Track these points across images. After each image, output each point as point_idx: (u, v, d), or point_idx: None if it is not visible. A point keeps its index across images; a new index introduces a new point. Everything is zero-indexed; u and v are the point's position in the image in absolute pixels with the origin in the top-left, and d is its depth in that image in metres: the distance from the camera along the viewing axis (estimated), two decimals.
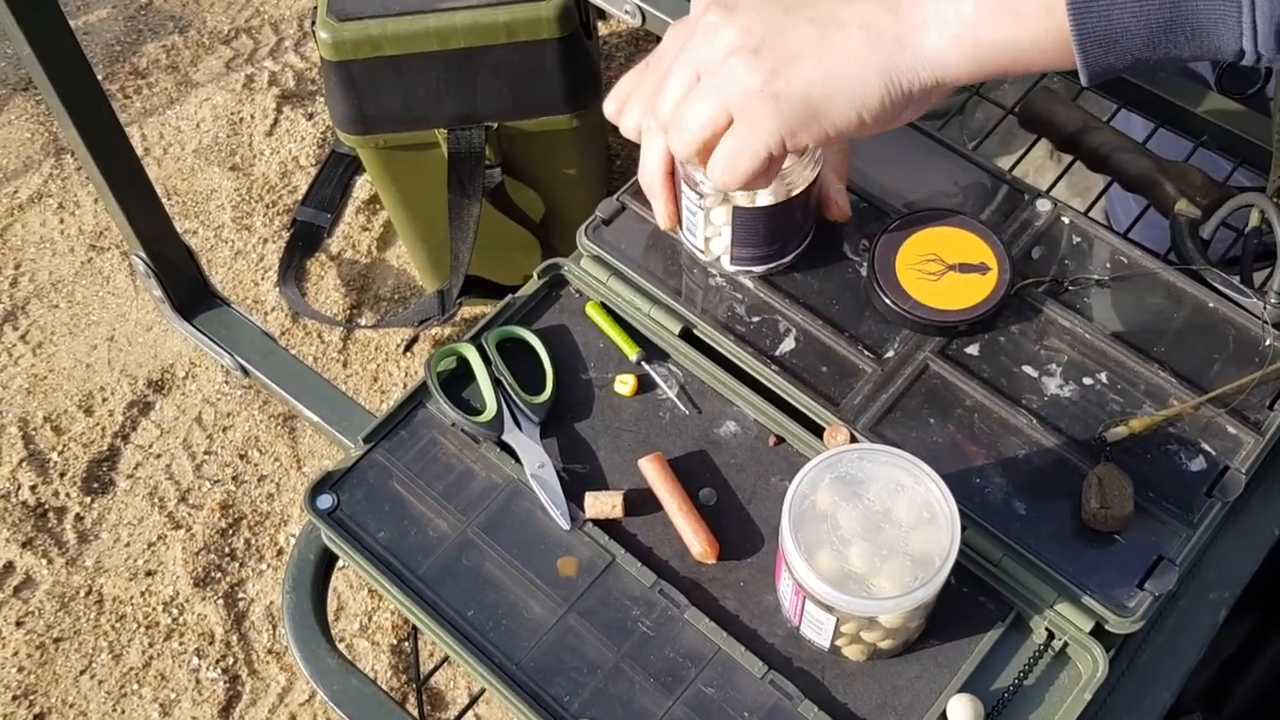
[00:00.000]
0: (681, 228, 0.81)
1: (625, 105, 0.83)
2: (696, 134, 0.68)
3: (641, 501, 0.76)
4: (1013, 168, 0.93)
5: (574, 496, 0.76)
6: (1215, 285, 0.81)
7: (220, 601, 1.69)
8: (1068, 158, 0.94)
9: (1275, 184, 0.85)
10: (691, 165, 0.74)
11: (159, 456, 1.83)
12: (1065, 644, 0.70)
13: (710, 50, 0.66)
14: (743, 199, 0.75)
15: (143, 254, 0.90)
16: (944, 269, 0.78)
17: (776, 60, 0.64)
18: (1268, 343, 0.77)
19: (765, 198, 0.74)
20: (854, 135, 0.66)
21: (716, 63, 0.66)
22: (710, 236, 0.79)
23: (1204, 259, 0.82)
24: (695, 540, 0.73)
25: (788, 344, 0.79)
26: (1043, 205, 0.84)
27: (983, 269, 0.78)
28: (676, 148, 0.70)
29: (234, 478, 1.80)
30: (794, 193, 0.75)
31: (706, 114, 0.67)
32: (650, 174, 0.80)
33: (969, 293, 0.77)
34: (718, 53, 0.66)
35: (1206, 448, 0.74)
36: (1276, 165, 0.86)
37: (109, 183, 0.83)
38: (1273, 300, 0.79)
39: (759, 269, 0.81)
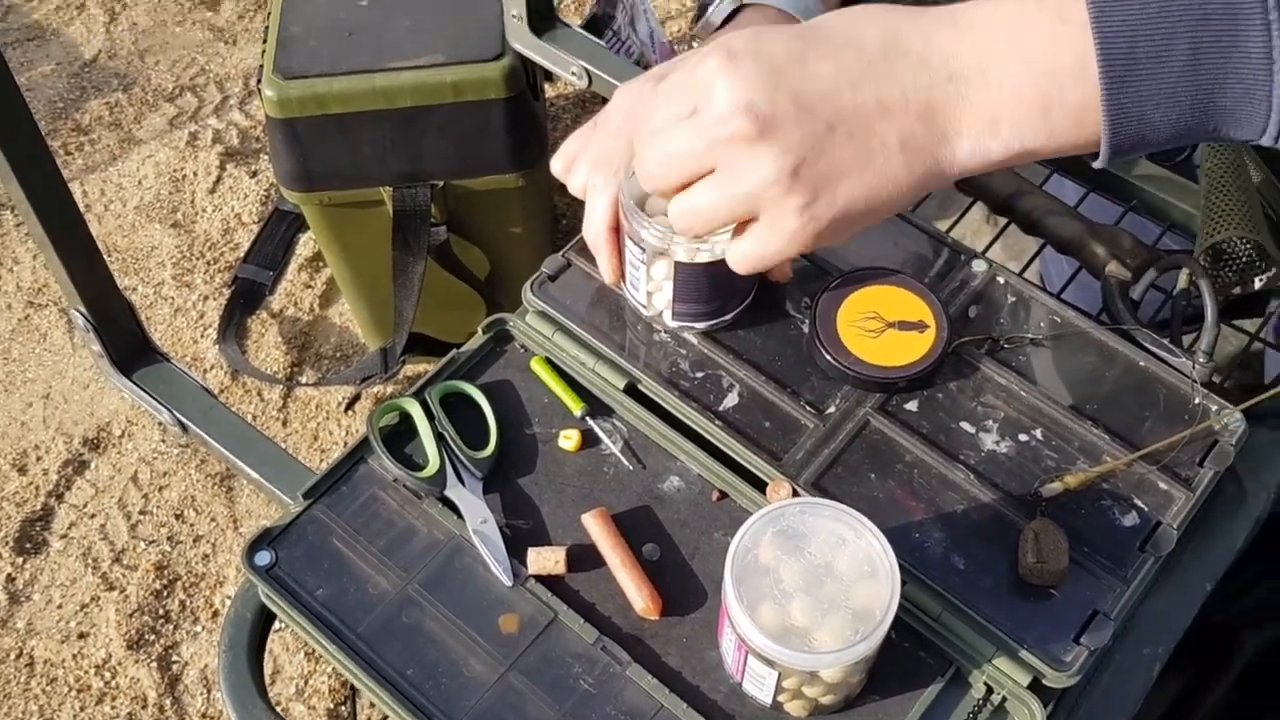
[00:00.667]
0: (625, 282, 0.82)
1: (573, 164, 0.84)
2: (707, 224, 0.66)
3: (584, 557, 0.76)
4: (950, 230, 0.95)
5: (516, 552, 0.76)
6: (1146, 345, 0.83)
7: (154, 664, 1.65)
8: (1004, 221, 0.96)
9: (1202, 247, 0.88)
10: (637, 220, 0.75)
11: (93, 516, 1.80)
12: (1004, 698, 0.71)
13: (741, 159, 0.63)
14: (683, 254, 0.76)
15: (82, 308, 0.89)
16: (884, 326, 0.80)
17: (817, 181, 0.62)
18: (1197, 401, 0.79)
19: (705, 255, 0.75)
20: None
21: (749, 174, 0.63)
22: (652, 291, 0.80)
23: (1134, 319, 0.84)
24: (638, 596, 0.73)
25: (731, 399, 0.80)
26: (978, 266, 0.85)
27: (921, 327, 0.79)
28: (678, 222, 0.67)
29: (170, 538, 1.77)
30: None
31: (729, 213, 0.65)
32: (595, 230, 0.81)
33: (908, 350, 0.79)
34: (751, 166, 0.62)
35: (1139, 503, 0.75)
36: (1203, 230, 0.89)
37: (49, 236, 0.82)
38: (1201, 360, 0.81)
39: (700, 325, 0.82)
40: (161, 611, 1.70)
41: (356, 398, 1.87)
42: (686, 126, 0.64)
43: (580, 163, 0.83)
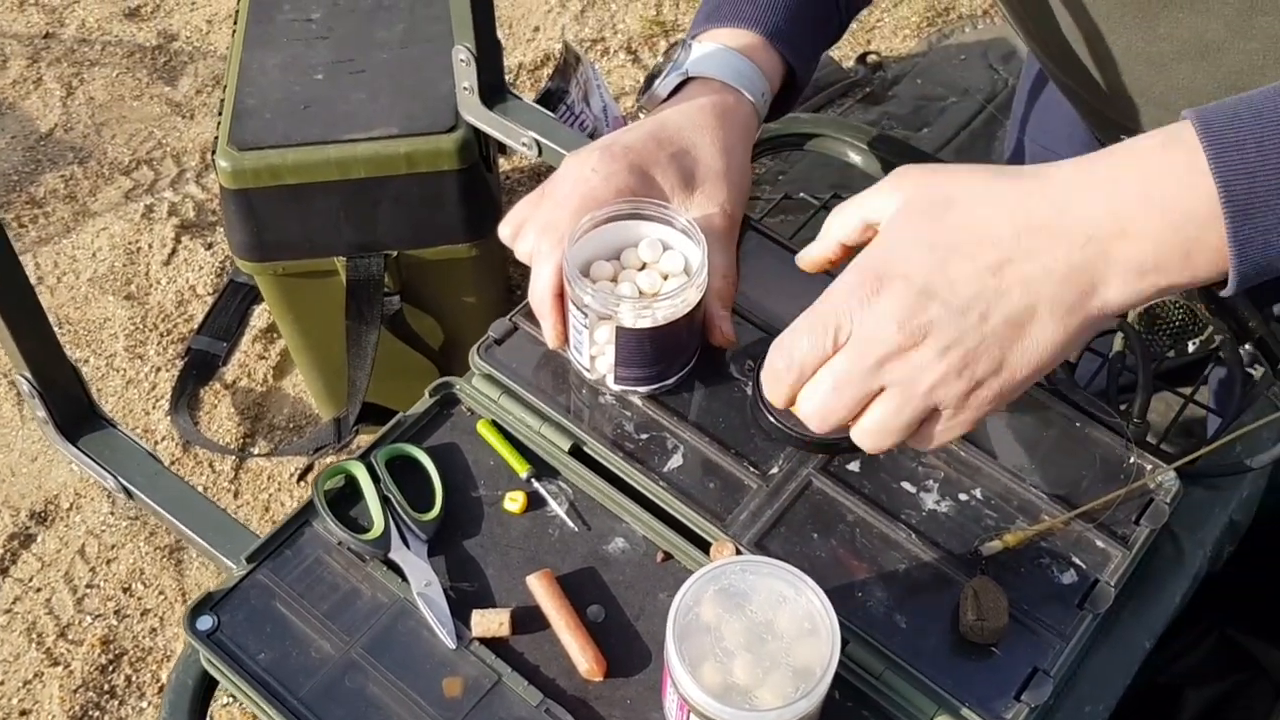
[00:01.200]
0: (569, 346, 0.83)
1: (520, 230, 0.85)
2: (899, 436, 0.68)
3: (529, 619, 0.76)
4: None
5: (461, 615, 0.76)
6: (1083, 406, 0.84)
7: None
8: None
9: (1135, 311, 0.90)
10: (580, 285, 0.76)
11: (39, 590, 1.77)
12: None
13: (909, 368, 0.65)
14: (627, 319, 0.77)
15: (28, 374, 0.89)
16: None
17: (984, 367, 0.64)
18: (1131, 460, 0.81)
19: (645, 320, 0.77)
20: None
21: (920, 379, 0.65)
22: (595, 355, 0.81)
23: (1071, 381, 0.86)
24: (582, 658, 0.73)
25: (675, 461, 0.80)
26: None
27: None
28: (874, 446, 0.69)
29: (116, 612, 1.75)
30: (676, 317, 0.77)
31: (914, 420, 0.67)
32: (540, 295, 0.82)
33: None
34: (919, 369, 0.65)
35: (1077, 561, 0.77)
36: None
37: None
38: (1135, 421, 0.83)
39: (643, 389, 0.82)
40: (107, 687, 1.67)
41: (309, 468, 1.86)
42: (844, 355, 0.66)
43: (527, 229, 0.84)
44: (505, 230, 0.86)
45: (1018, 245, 0.63)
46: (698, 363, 0.84)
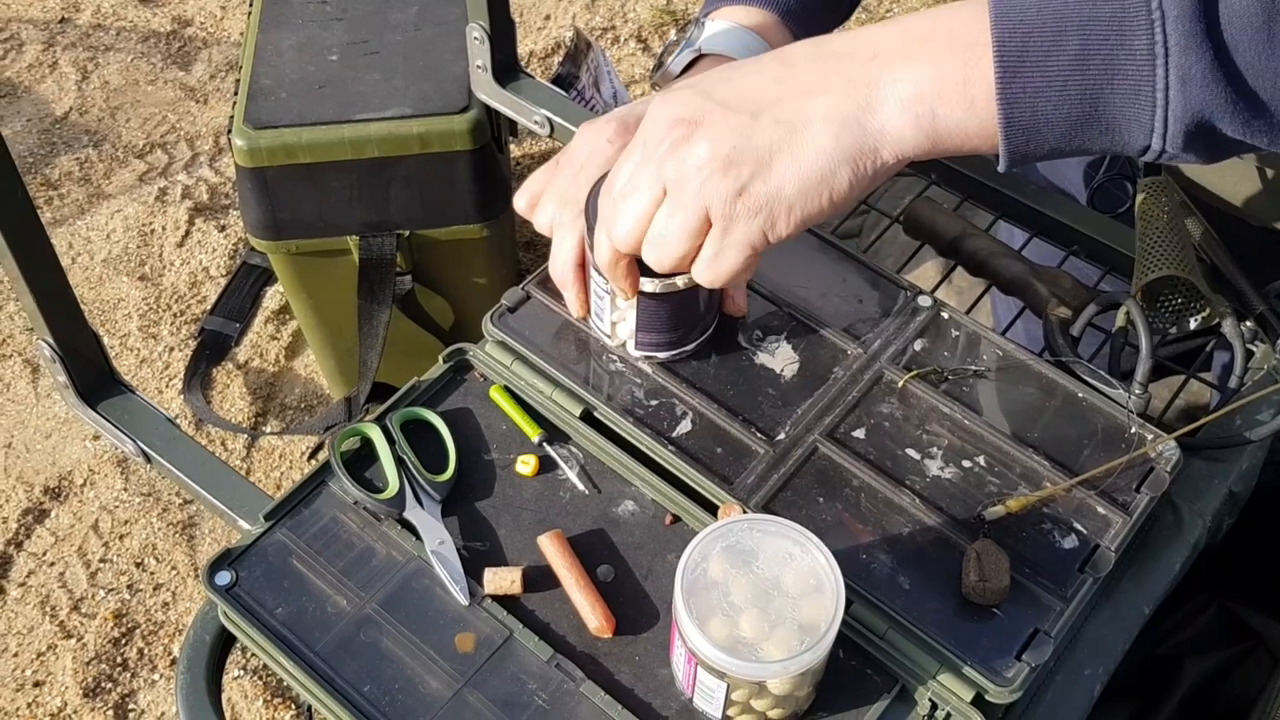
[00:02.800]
0: (590, 314, 0.84)
1: (538, 202, 0.86)
2: (678, 247, 0.70)
3: (540, 578, 0.77)
4: (901, 270, 0.98)
5: (473, 573, 0.77)
6: (1085, 377, 0.86)
7: (110, 713, 1.64)
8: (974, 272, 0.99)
9: (1138, 285, 0.91)
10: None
11: (52, 564, 1.79)
12: (948, 714, 0.72)
13: (681, 165, 0.67)
14: (649, 285, 0.78)
15: (49, 338, 0.91)
16: None
17: (750, 166, 0.66)
18: (1133, 430, 0.82)
19: (667, 286, 0.78)
20: (825, 218, 0.69)
21: (690, 176, 0.67)
22: (616, 321, 0.82)
23: (1074, 354, 0.88)
24: (592, 615, 0.75)
25: (685, 426, 0.82)
26: (924, 301, 0.89)
27: None
28: (657, 260, 0.71)
29: (129, 586, 1.77)
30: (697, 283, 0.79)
31: (687, 226, 0.68)
32: (562, 267, 0.83)
33: None
34: (690, 167, 0.67)
35: (1078, 527, 0.78)
36: (1138, 270, 0.93)
37: (19, 264, 0.84)
38: (1137, 391, 0.84)
39: (662, 355, 0.84)
40: (119, 660, 1.69)
41: (320, 447, 1.88)
42: (632, 159, 0.70)
43: (545, 201, 0.86)
44: (521, 201, 0.88)
45: (806, 64, 0.66)
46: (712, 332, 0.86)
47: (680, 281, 0.78)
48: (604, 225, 0.73)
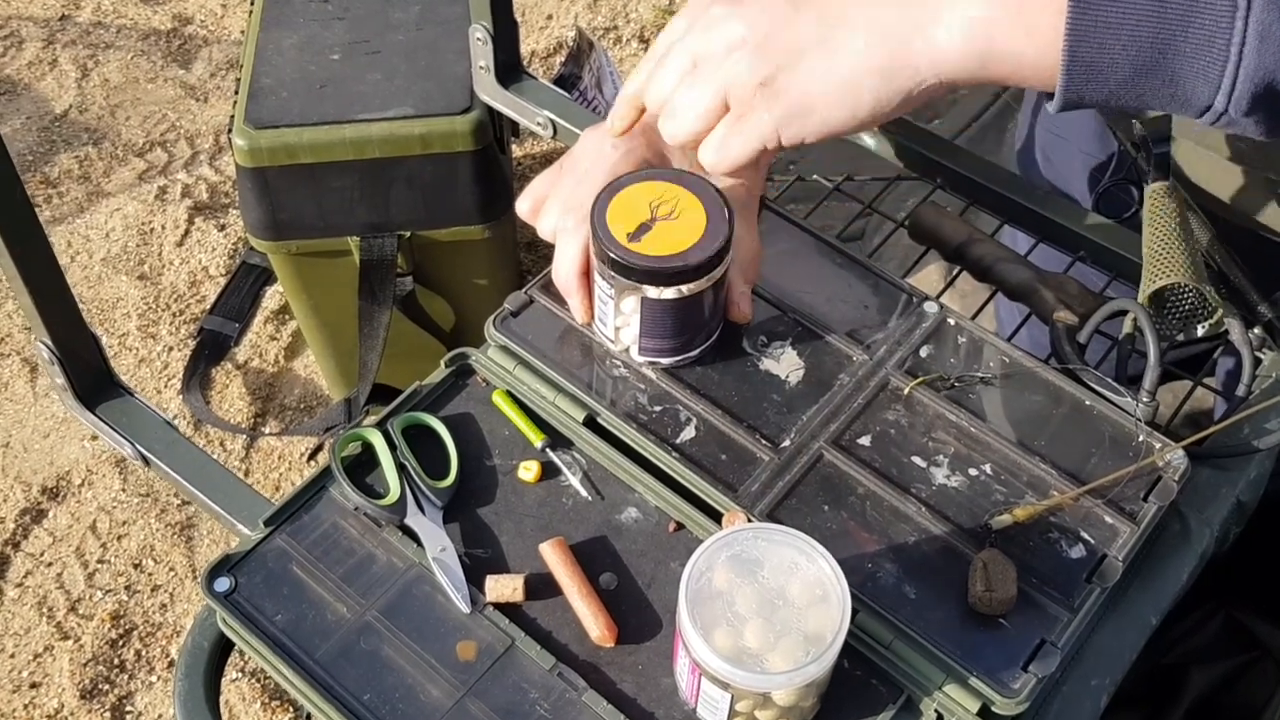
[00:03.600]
0: (594, 318, 0.84)
1: (541, 206, 0.85)
2: (692, 122, 0.68)
3: (542, 586, 0.77)
4: (905, 275, 0.97)
5: (475, 580, 0.76)
6: (1092, 385, 0.85)
7: (107, 714, 1.63)
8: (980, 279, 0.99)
9: (1145, 292, 0.91)
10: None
11: (50, 565, 1.78)
12: None
13: (713, 42, 0.66)
14: (653, 291, 0.77)
15: (48, 340, 0.90)
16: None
17: (779, 56, 0.64)
18: (1141, 438, 0.82)
19: (671, 291, 0.77)
20: (846, 132, 0.66)
21: (719, 54, 0.66)
22: (620, 327, 0.82)
23: (1081, 361, 0.87)
24: (594, 624, 0.74)
25: (688, 433, 0.81)
26: (930, 308, 0.88)
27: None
28: (669, 132, 0.70)
29: (127, 587, 1.76)
30: (702, 288, 0.78)
31: (704, 103, 0.67)
32: (565, 274, 0.83)
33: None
34: (720, 45, 0.66)
35: (1086, 536, 0.77)
36: (1146, 276, 0.92)
37: (17, 265, 0.83)
38: (1144, 399, 0.83)
39: (666, 361, 0.83)
40: (116, 661, 1.68)
41: (319, 448, 1.87)
42: (678, 34, 0.69)
43: (549, 207, 0.85)
44: (524, 205, 0.87)
45: None
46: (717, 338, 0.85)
47: (686, 289, 0.77)
48: (635, 83, 0.72)
